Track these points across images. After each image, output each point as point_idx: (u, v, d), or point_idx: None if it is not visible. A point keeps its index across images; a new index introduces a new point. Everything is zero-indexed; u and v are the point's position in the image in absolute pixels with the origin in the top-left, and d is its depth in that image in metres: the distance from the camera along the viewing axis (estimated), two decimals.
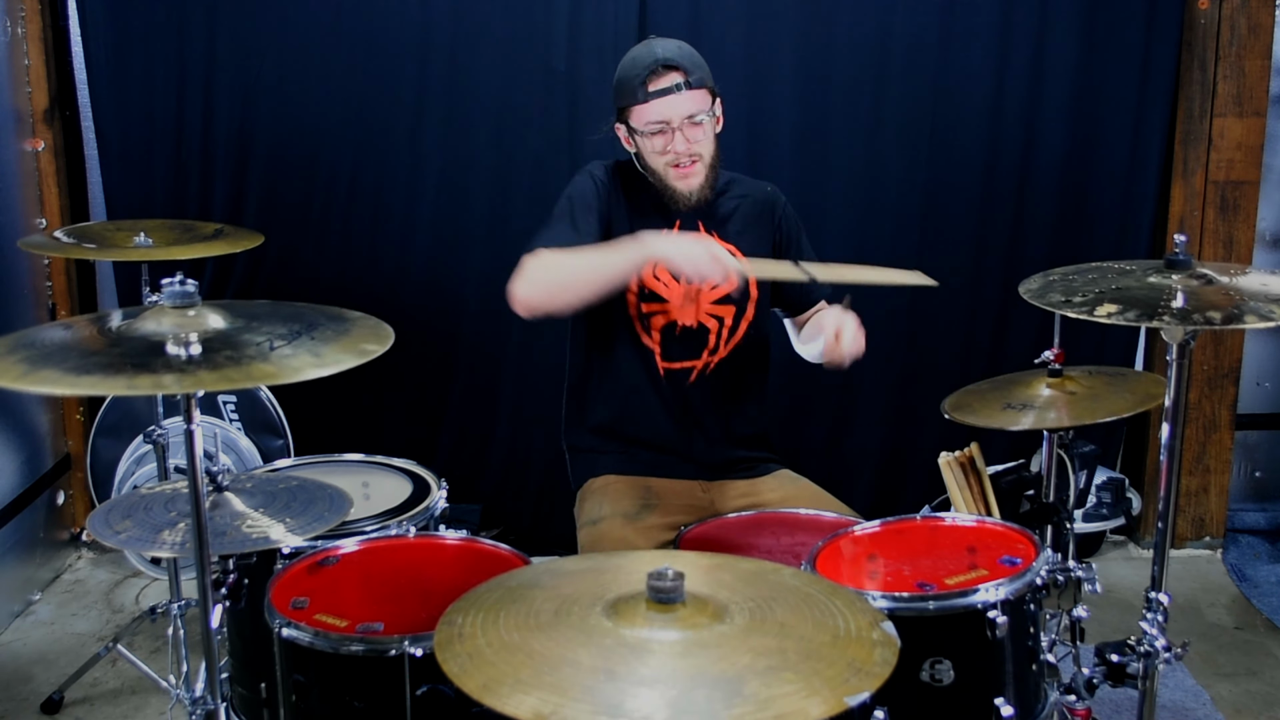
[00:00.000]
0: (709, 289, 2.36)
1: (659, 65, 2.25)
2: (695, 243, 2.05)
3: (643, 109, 2.27)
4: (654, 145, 2.29)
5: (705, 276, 2.03)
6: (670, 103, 2.25)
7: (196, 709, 2.12)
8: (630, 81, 2.28)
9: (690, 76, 2.26)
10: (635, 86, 2.26)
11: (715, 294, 2.38)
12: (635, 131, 2.32)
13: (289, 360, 1.44)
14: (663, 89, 2.25)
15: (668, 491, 2.38)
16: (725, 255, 2.04)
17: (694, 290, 2.36)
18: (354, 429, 3.59)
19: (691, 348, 2.40)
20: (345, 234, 3.59)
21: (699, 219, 2.39)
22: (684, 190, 2.32)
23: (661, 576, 1.30)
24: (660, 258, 2.07)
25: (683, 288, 2.36)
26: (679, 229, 2.37)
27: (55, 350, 1.45)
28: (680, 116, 2.26)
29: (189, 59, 3.47)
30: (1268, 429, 3.94)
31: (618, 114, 2.36)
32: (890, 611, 1.71)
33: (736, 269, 2.06)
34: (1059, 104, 3.57)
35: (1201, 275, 1.84)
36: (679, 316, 2.37)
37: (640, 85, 2.25)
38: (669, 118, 2.26)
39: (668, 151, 2.28)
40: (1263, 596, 3.52)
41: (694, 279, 2.05)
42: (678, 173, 2.30)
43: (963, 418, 2.29)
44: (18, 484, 3.38)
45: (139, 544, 1.82)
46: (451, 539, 2.02)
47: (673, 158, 2.29)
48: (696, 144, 2.29)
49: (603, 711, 1.14)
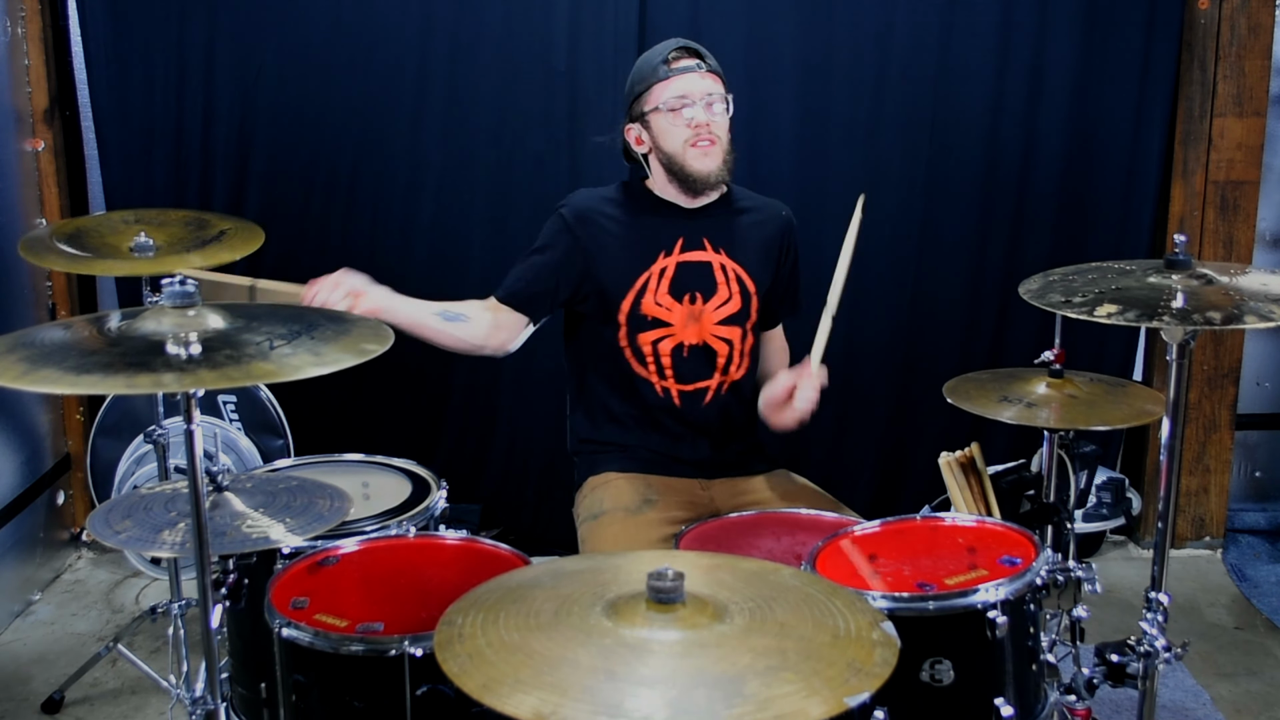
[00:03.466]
0: (711, 309, 2.39)
1: (681, 48, 2.35)
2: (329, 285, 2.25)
3: (665, 85, 2.33)
4: (673, 122, 2.33)
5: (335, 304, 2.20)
6: (691, 79, 2.33)
7: (196, 709, 2.12)
8: (651, 62, 2.36)
9: (708, 62, 2.36)
10: (657, 65, 2.34)
11: (719, 314, 2.40)
12: (654, 113, 2.34)
13: (289, 359, 1.44)
14: (685, 66, 2.33)
15: (667, 488, 2.39)
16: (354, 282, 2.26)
17: (696, 310, 2.38)
18: (354, 429, 3.59)
19: (703, 368, 2.42)
20: (345, 233, 3.59)
21: (705, 235, 2.40)
22: (702, 171, 2.34)
23: (661, 576, 1.30)
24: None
25: (685, 308, 2.37)
26: (682, 244, 2.39)
27: (55, 349, 1.45)
28: (701, 93, 2.32)
29: (189, 59, 3.47)
30: (1268, 429, 3.93)
31: (631, 107, 2.39)
32: (890, 611, 1.71)
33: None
34: (1059, 104, 3.57)
35: (1201, 275, 1.84)
36: (684, 337, 2.39)
37: (662, 63, 2.33)
38: (689, 92, 2.32)
39: (690, 125, 2.31)
40: (1263, 596, 3.52)
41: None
42: (697, 151, 2.33)
43: (958, 402, 2.30)
44: (18, 484, 3.38)
45: (139, 544, 1.82)
46: (451, 539, 2.02)
47: (693, 133, 2.32)
48: (715, 123, 2.33)
49: (603, 711, 1.14)
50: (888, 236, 3.61)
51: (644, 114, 2.36)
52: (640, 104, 2.36)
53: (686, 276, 2.38)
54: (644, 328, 2.38)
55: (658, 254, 2.38)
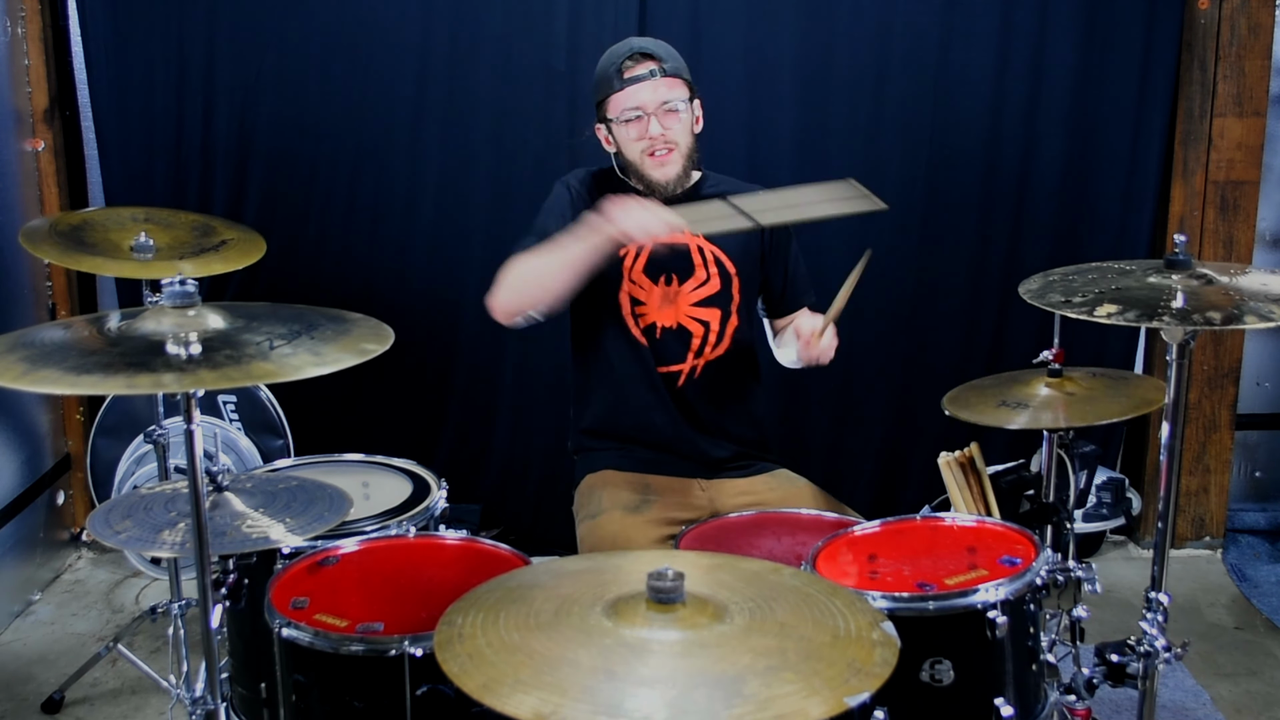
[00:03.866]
0: (688, 291, 2.38)
1: (635, 53, 2.33)
2: (634, 203, 2.08)
3: (619, 97, 2.32)
4: (630, 133, 2.33)
5: (651, 233, 2.05)
6: (645, 89, 2.31)
7: (196, 709, 2.12)
8: (606, 71, 2.35)
9: (665, 65, 2.32)
10: (611, 76, 2.33)
11: (695, 296, 2.39)
12: (612, 122, 2.35)
13: (289, 359, 1.44)
14: (637, 75, 2.31)
15: (666, 487, 2.39)
16: (664, 211, 2.07)
17: (672, 292, 2.38)
18: (354, 429, 3.59)
19: (677, 351, 2.42)
20: (345, 233, 3.59)
21: None
22: (660, 179, 2.35)
23: (661, 576, 1.30)
24: (607, 227, 2.10)
25: (660, 289, 2.37)
26: None
27: (55, 350, 1.45)
28: (655, 103, 2.31)
29: (189, 59, 3.47)
30: (1268, 429, 3.94)
31: (597, 112, 2.40)
32: (890, 611, 1.71)
33: (678, 223, 2.07)
34: (1059, 104, 3.57)
35: (1201, 275, 1.84)
36: (659, 318, 2.40)
37: (616, 74, 2.32)
38: (644, 104, 2.31)
39: (643, 138, 2.31)
40: (1263, 596, 3.52)
41: (640, 238, 2.07)
42: (654, 161, 2.33)
43: (958, 412, 2.29)
44: (18, 484, 3.38)
45: (139, 544, 1.82)
46: (451, 539, 2.02)
47: (648, 144, 2.32)
48: (671, 131, 2.32)
49: (603, 711, 1.14)
50: (888, 236, 3.61)
51: (606, 119, 2.37)
52: (602, 109, 2.38)
53: (663, 259, 2.38)
54: (635, 300, 2.39)
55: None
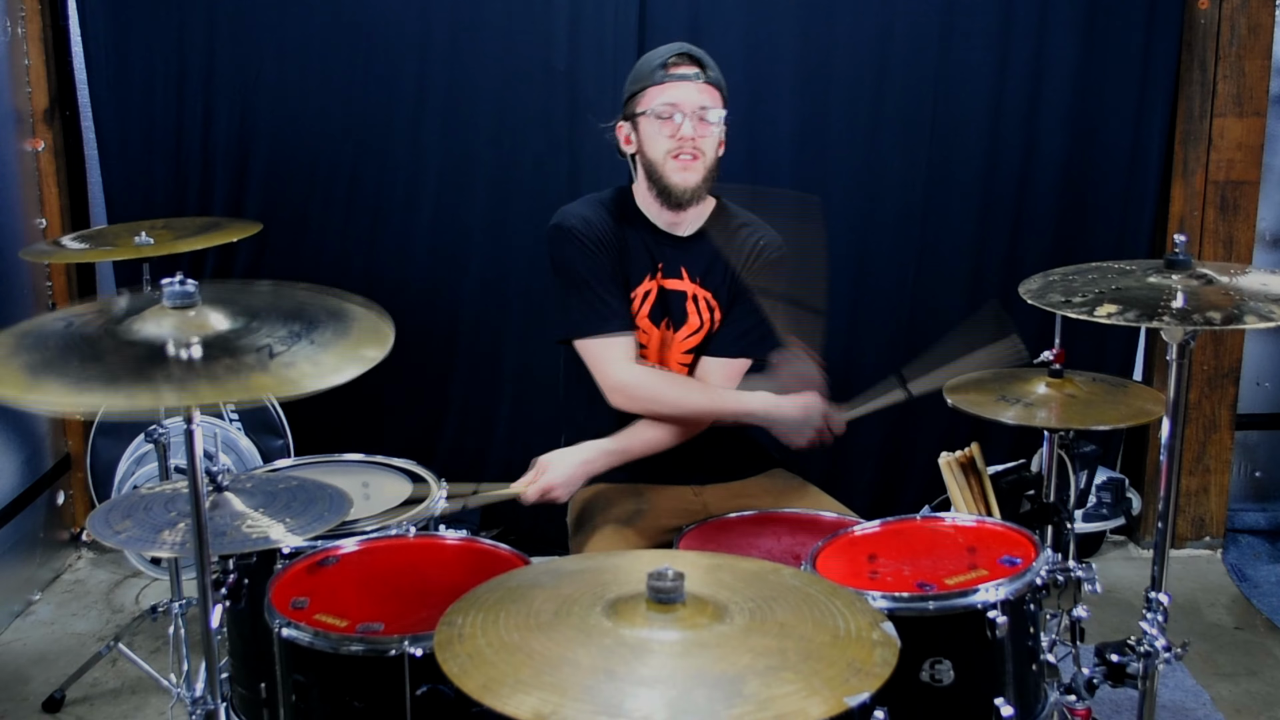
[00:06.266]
0: (680, 338, 2.39)
1: (683, 53, 2.31)
2: (801, 407, 2.24)
3: (658, 90, 2.29)
4: (659, 130, 2.28)
5: (807, 438, 2.25)
6: (686, 89, 2.28)
7: (196, 709, 2.12)
8: (650, 63, 2.32)
9: (709, 73, 2.31)
10: (654, 68, 2.30)
11: (686, 344, 2.40)
12: (643, 115, 2.30)
13: (287, 372, 1.44)
14: (682, 74, 2.29)
15: (659, 497, 2.38)
16: (829, 412, 2.24)
17: (668, 338, 2.39)
18: (354, 429, 3.58)
19: None
20: (345, 232, 3.59)
21: (683, 264, 2.37)
22: (679, 185, 2.29)
23: (661, 576, 1.30)
24: (764, 419, 2.26)
25: (659, 334, 2.38)
26: (664, 270, 2.36)
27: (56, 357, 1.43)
28: (693, 105, 2.28)
29: (189, 59, 3.47)
30: (1268, 429, 3.93)
31: (625, 106, 2.36)
32: (890, 611, 1.71)
33: (843, 421, 2.26)
34: (1059, 104, 3.56)
35: (1201, 275, 1.84)
36: (654, 361, 2.39)
37: (660, 67, 2.29)
38: (681, 102, 2.27)
39: (673, 137, 2.27)
40: (1263, 596, 3.52)
41: (796, 441, 2.24)
42: (677, 164, 2.29)
43: (958, 403, 2.29)
44: (18, 484, 3.38)
45: (139, 544, 1.82)
46: (451, 539, 2.02)
47: (675, 145, 2.28)
48: (701, 139, 2.28)
49: (603, 711, 1.14)
50: (888, 237, 3.61)
51: (635, 115, 2.32)
52: (633, 104, 2.33)
53: (665, 303, 2.37)
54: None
55: (644, 275, 2.37)
